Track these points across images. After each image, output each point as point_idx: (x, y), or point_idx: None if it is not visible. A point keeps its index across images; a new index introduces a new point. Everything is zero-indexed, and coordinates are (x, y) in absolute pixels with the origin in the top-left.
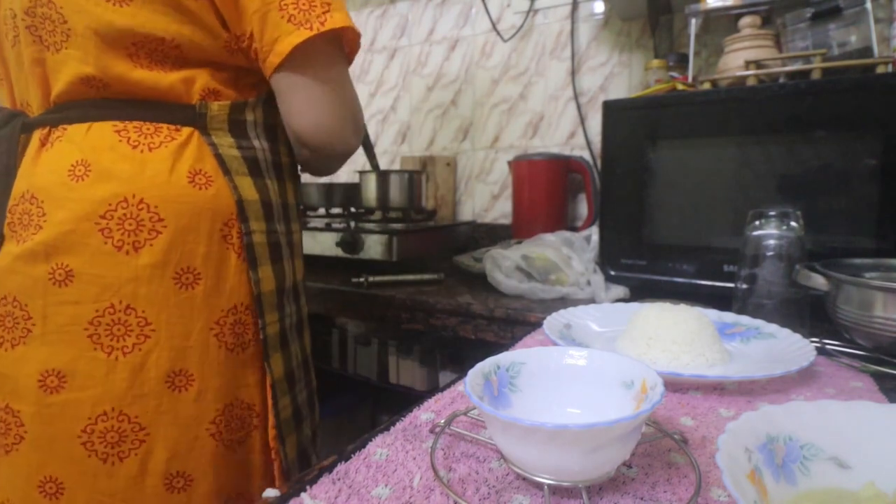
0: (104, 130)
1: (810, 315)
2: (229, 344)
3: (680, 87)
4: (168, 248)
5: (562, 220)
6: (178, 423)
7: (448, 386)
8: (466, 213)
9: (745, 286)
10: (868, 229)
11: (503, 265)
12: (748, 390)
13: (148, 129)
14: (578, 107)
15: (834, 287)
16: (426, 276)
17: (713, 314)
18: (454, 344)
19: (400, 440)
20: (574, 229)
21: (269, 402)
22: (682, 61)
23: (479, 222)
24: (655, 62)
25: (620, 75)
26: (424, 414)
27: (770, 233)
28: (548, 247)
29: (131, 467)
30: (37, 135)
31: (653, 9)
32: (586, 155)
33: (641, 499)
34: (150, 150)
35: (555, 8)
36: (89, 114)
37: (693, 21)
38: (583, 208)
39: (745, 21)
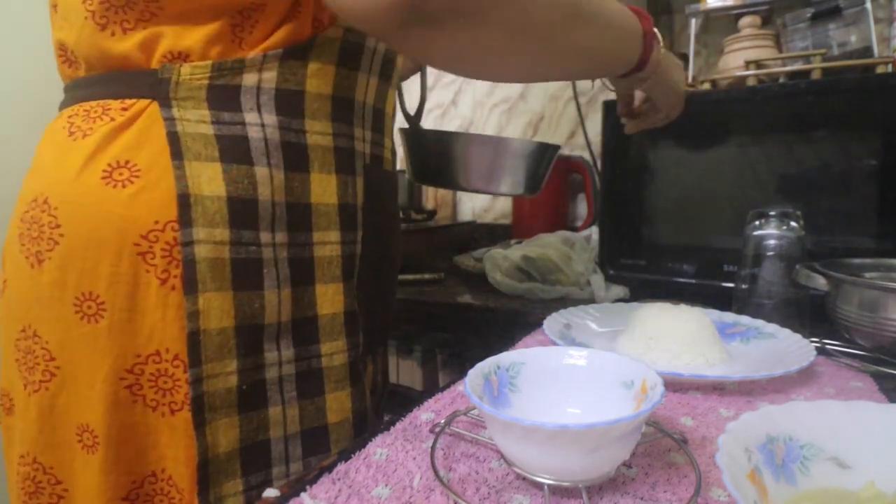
0: (61, 118)
1: (810, 315)
2: (149, 400)
3: None
4: (63, 264)
5: (562, 220)
6: (89, 491)
7: (448, 386)
8: (466, 213)
9: (745, 286)
10: (868, 229)
11: (503, 265)
12: (748, 390)
13: (95, 110)
14: (578, 107)
15: (834, 287)
16: (426, 276)
17: (713, 314)
18: (454, 344)
19: (400, 440)
20: (574, 229)
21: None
22: (682, 61)
23: (479, 222)
24: None
25: None
26: (424, 414)
27: (770, 233)
28: (548, 247)
29: None
30: None
31: (653, 9)
32: (586, 155)
33: (641, 499)
34: (83, 136)
35: None
36: (65, 98)
37: (693, 21)
38: (583, 208)
39: (745, 21)
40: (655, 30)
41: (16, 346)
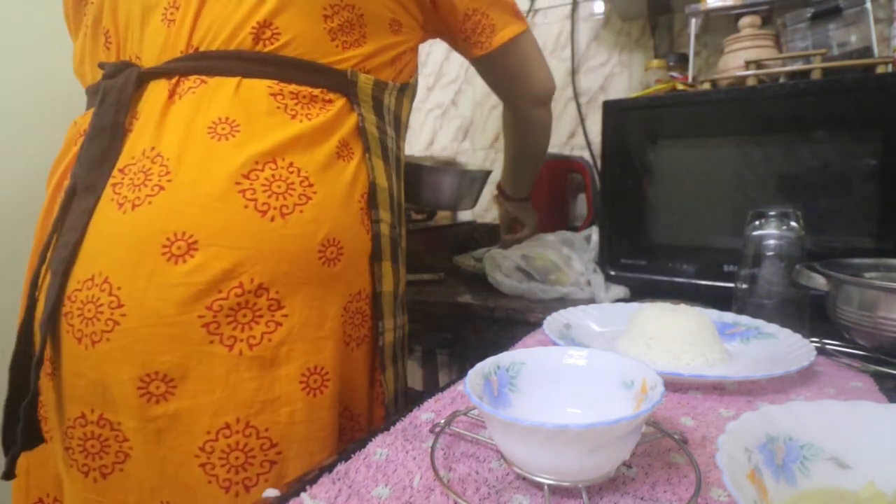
0: (257, 91)
1: (810, 315)
2: (346, 336)
3: (680, 87)
4: (318, 215)
5: (562, 220)
6: (313, 436)
7: (448, 386)
8: (466, 213)
9: (745, 286)
10: (868, 229)
11: (503, 265)
12: (748, 390)
13: (304, 95)
14: (578, 107)
15: (834, 287)
16: (426, 276)
17: (713, 314)
18: (454, 344)
19: (400, 440)
20: (574, 229)
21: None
22: (682, 61)
23: (479, 222)
24: (655, 62)
25: (620, 75)
26: (424, 414)
27: (770, 233)
28: (548, 247)
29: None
30: (161, 86)
31: (653, 9)
32: (586, 155)
33: (641, 499)
34: (308, 120)
35: (555, 8)
36: (237, 67)
37: (693, 21)
38: (583, 208)
39: (745, 21)
40: None
41: (211, 309)
